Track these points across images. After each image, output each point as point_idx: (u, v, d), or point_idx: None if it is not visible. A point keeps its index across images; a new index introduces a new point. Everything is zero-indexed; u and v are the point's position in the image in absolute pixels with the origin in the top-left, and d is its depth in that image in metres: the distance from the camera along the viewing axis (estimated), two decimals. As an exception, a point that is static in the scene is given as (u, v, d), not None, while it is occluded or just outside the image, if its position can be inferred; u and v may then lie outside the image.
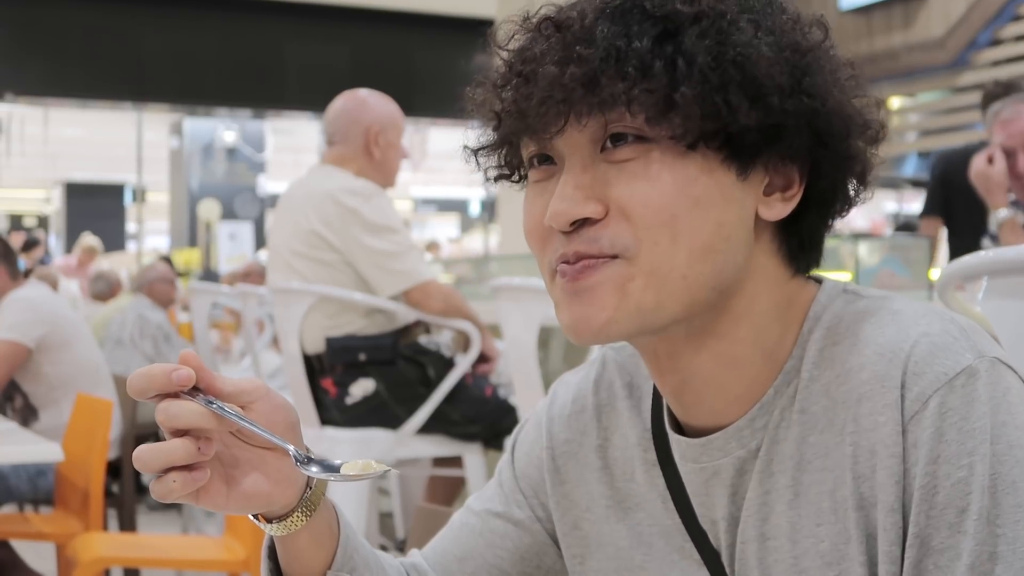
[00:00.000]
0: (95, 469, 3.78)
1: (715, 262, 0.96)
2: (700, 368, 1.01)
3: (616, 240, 0.95)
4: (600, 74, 0.92)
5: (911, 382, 0.92)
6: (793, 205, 0.99)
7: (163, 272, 7.12)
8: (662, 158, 0.94)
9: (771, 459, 1.00)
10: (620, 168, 0.95)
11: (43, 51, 12.85)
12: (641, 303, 0.95)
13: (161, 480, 0.95)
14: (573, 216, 0.95)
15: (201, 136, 15.35)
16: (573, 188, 0.96)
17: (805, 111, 0.95)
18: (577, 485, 1.15)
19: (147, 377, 0.95)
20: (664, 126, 0.93)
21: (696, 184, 0.94)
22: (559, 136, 0.97)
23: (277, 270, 3.83)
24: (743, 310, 1.00)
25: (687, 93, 0.91)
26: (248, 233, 15.46)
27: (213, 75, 13.67)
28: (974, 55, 8.55)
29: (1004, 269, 1.55)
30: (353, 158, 3.82)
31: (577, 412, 1.16)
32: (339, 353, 3.63)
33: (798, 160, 0.98)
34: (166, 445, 0.95)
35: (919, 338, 0.93)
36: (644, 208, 0.94)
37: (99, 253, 13.87)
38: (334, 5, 13.68)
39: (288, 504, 1.03)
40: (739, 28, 0.94)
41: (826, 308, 1.01)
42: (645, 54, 0.92)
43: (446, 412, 3.65)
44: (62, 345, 4.50)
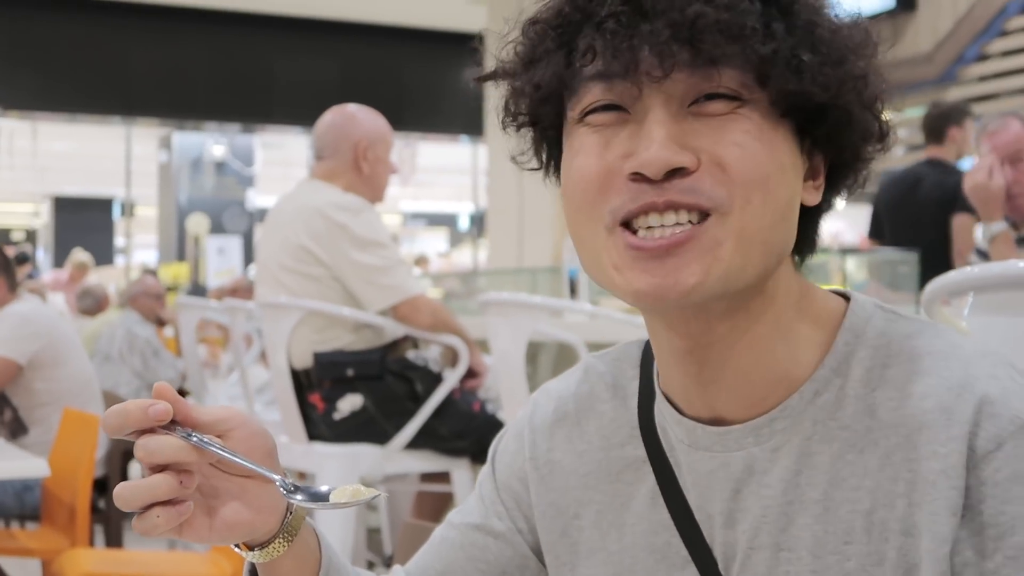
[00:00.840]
0: (82, 485, 3.76)
1: (786, 231, 0.98)
2: (726, 347, 1.00)
3: (713, 192, 0.93)
4: (727, 24, 0.91)
5: (986, 422, 0.91)
6: (820, 195, 1.02)
7: (150, 286, 7.11)
8: (757, 119, 0.94)
9: (800, 470, 0.98)
10: (710, 123, 0.94)
11: (32, 65, 12.85)
12: (730, 266, 0.94)
13: (144, 516, 0.95)
14: (673, 163, 0.92)
15: (190, 150, 15.34)
16: (667, 135, 0.93)
17: (866, 105, 0.98)
18: (563, 493, 1.13)
19: (123, 415, 0.95)
20: (769, 89, 0.93)
21: (781, 150, 0.95)
22: (659, 83, 0.93)
23: (265, 285, 3.82)
24: (772, 291, 1.00)
25: (811, 60, 0.93)
26: (237, 247, 15.44)
27: (202, 89, 13.67)
28: (961, 70, 8.59)
29: (990, 285, 1.55)
30: (342, 173, 3.81)
31: (559, 420, 1.15)
32: (327, 368, 3.63)
33: (836, 151, 1.01)
34: (147, 481, 0.95)
35: (990, 380, 0.94)
36: (743, 163, 0.93)
37: (90, 268, 13.84)
38: (323, 19, 13.69)
39: (269, 531, 1.03)
40: (834, 20, 0.97)
41: (867, 323, 1.01)
42: (762, 14, 0.92)
43: (434, 427, 3.64)
44: (55, 362, 4.48)
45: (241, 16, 13.49)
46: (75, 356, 4.62)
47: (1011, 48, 8.31)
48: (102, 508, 4.64)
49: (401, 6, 12.62)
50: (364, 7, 13.28)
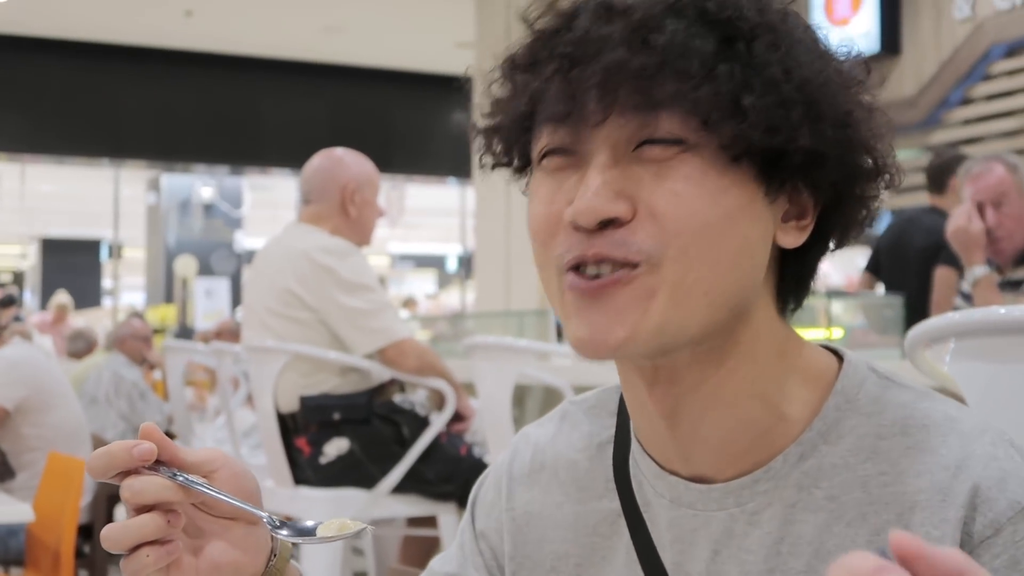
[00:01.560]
0: (67, 529, 3.74)
1: (737, 280, 0.93)
2: (700, 400, 0.97)
3: (644, 246, 0.90)
4: (667, 67, 0.88)
5: (984, 507, 0.89)
6: (806, 236, 0.97)
7: (137, 328, 7.09)
8: (700, 164, 0.90)
9: (782, 538, 0.96)
10: (653, 169, 0.91)
11: (20, 107, 12.87)
12: (663, 321, 0.91)
13: (133, 556, 0.94)
14: (603, 214, 0.90)
15: (178, 192, 15.36)
16: (603, 183, 0.91)
17: (847, 144, 0.93)
18: (541, 545, 1.11)
19: (107, 456, 0.94)
20: (715, 133, 0.89)
21: (729, 195, 0.91)
22: (599, 127, 0.92)
23: (252, 328, 3.82)
24: (748, 344, 0.96)
25: (755, 103, 0.88)
26: (225, 289, 15.42)
27: (191, 131, 13.70)
28: (945, 114, 8.65)
29: (971, 330, 1.56)
30: (329, 216, 3.82)
31: (536, 470, 1.13)
32: (313, 412, 3.62)
33: (820, 191, 0.95)
34: (135, 521, 0.94)
35: (988, 461, 0.91)
36: (677, 213, 0.90)
37: (71, 310, 13.80)
38: (311, 62, 13.75)
39: (255, 573, 1.02)
40: (805, 49, 0.92)
41: (859, 388, 0.98)
42: (710, 55, 0.89)
43: (421, 471, 3.63)
44: (43, 407, 4.46)
45: (229, 59, 13.54)
46: (64, 401, 4.60)
47: (995, 92, 8.38)
48: (87, 553, 4.61)
49: (389, 50, 12.69)
50: (352, 50, 13.34)
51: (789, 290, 1.00)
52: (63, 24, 12.44)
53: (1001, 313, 1.50)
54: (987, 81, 8.40)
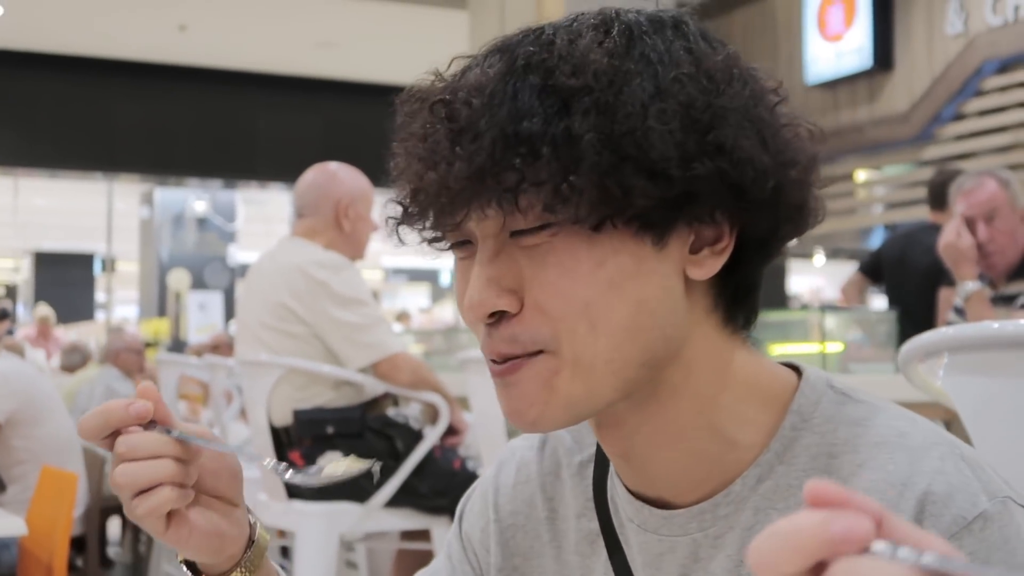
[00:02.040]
0: (59, 543, 3.73)
1: (641, 340, 0.92)
2: (647, 439, 0.98)
3: (536, 336, 0.92)
4: (486, 172, 0.87)
5: (928, 523, 0.88)
6: (724, 259, 0.94)
7: (130, 341, 7.08)
8: (569, 242, 0.90)
9: (741, 561, 0.96)
10: (530, 255, 0.92)
11: (13, 121, 12.87)
12: (570, 395, 0.93)
13: (151, 494, 0.94)
14: (488, 310, 0.92)
15: (172, 206, 15.35)
16: (486, 280, 0.92)
17: (714, 171, 0.89)
18: (527, 558, 1.12)
19: (104, 414, 0.94)
20: (564, 211, 0.88)
21: (607, 266, 0.90)
22: (465, 223, 0.93)
23: (245, 342, 3.82)
24: (681, 379, 0.96)
25: (576, 181, 0.86)
26: (218, 303, 15.41)
27: (184, 145, 13.70)
28: (938, 129, 8.67)
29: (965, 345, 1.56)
30: (323, 231, 3.82)
31: (522, 483, 1.14)
32: (307, 426, 3.62)
33: (723, 212, 0.92)
34: (156, 461, 0.94)
35: (935, 476, 0.90)
36: (557, 300, 0.91)
37: (53, 323, 13.77)
38: (305, 77, 13.76)
39: (234, 556, 1.03)
40: (628, 98, 0.88)
41: (815, 405, 0.98)
42: (534, 138, 0.87)
43: (414, 485, 3.63)
44: (33, 420, 4.45)
45: (223, 73, 13.54)
46: (54, 414, 4.58)
47: (987, 108, 8.39)
48: (79, 567, 4.60)
49: (383, 64, 12.70)
50: (346, 65, 13.35)
51: (733, 308, 0.98)
52: (56, 38, 12.45)
53: (995, 328, 1.51)
54: (980, 97, 8.41)
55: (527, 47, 0.92)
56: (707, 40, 0.95)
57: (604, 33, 0.92)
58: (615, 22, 0.93)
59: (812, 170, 0.96)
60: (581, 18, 0.95)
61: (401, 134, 0.96)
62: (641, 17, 0.95)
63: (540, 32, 0.94)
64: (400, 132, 0.96)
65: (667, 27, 0.94)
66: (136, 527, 6.66)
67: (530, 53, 0.91)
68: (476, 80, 0.91)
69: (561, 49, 0.90)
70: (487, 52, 0.95)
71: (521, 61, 0.91)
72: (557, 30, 0.93)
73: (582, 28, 0.93)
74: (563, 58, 0.90)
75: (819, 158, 0.97)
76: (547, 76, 0.89)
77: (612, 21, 0.93)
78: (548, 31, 0.93)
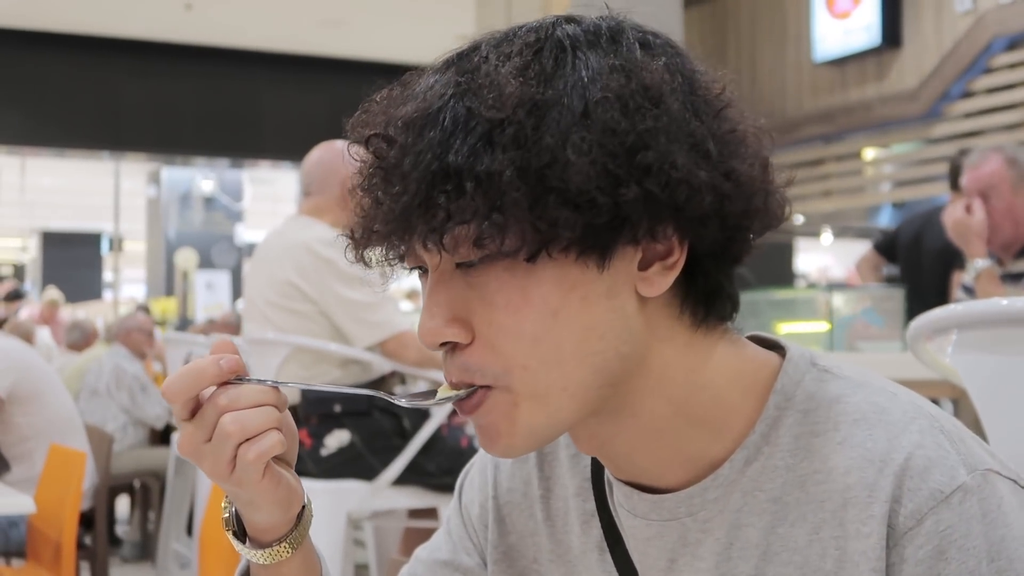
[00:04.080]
0: (68, 521, 3.75)
1: (593, 365, 0.92)
2: (624, 442, 0.98)
3: (486, 370, 0.92)
4: (412, 211, 0.88)
5: (906, 498, 0.89)
6: (676, 273, 0.93)
7: (141, 322, 7.09)
8: (509, 273, 0.89)
9: (732, 543, 0.96)
10: (475, 287, 0.91)
11: (20, 100, 12.86)
12: (532, 425, 0.93)
13: (265, 435, 0.94)
14: (439, 339, 0.93)
15: (179, 185, 15.35)
16: (436, 308, 0.93)
17: (643, 194, 0.87)
18: (523, 536, 1.12)
19: (195, 373, 0.93)
20: (493, 246, 0.88)
21: (550, 298, 0.90)
22: (412, 251, 0.94)
23: (252, 321, 3.82)
24: (653, 384, 0.95)
25: (498, 219, 0.86)
26: (225, 282, 15.42)
27: (191, 124, 13.69)
28: (947, 107, 8.64)
29: (974, 322, 1.56)
30: (329, 209, 3.82)
31: (521, 461, 1.14)
32: (314, 404, 3.62)
33: (668, 227, 0.90)
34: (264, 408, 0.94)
35: (913, 450, 0.90)
36: (503, 336, 0.91)
37: (61, 305, 13.79)
38: (312, 55, 13.74)
39: (291, 519, 1.03)
40: (548, 128, 0.86)
41: (797, 385, 0.97)
42: (460, 172, 0.86)
43: (421, 463, 3.63)
44: (34, 395, 4.46)
45: (230, 52, 13.53)
46: (54, 391, 4.60)
47: (996, 85, 8.37)
48: (88, 544, 4.62)
49: (389, 42, 12.67)
50: (352, 44, 13.33)
51: (704, 310, 0.97)
52: (63, 17, 12.43)
53: (1003, 305, 1.50)
54: (988, 74, 8.38)
55: (460, 73, 0.91)
56: (647, 47, 0.93)
57: (534, 53, 0.90)
58: (547, 41, 0.91)
59: (764, 173, 0.94)
60: (519, 33, 0.93)
61: (351, 157, 0.96)
62: (578, 29, 0.92)
63: (475, 52, 0.93)
64: (350, 155, 0.97)
65: (602, 39, 0.92)
66: (144, 506, 6.68)
67: (459, 82, 0.90)
68: (410, 111, 0.91)
69: (487, 75, 0.89)
70: (436, 68, 0.95)
71: (451, 89, 0.90)
72: (490, 51, 0.92)
73: (513, 47, 0.91)
74: (487, 87, 0.88)
75: (771, 157, 0.96)
76: (472, 106, 0.88)
77: (544, 40, 0.91)
78: (482, 51, 0.92)
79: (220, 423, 0.93)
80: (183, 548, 5.39)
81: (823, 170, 9.76)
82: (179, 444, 0.96)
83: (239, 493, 0.98)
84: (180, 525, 5.52)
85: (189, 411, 0.95)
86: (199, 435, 0.94)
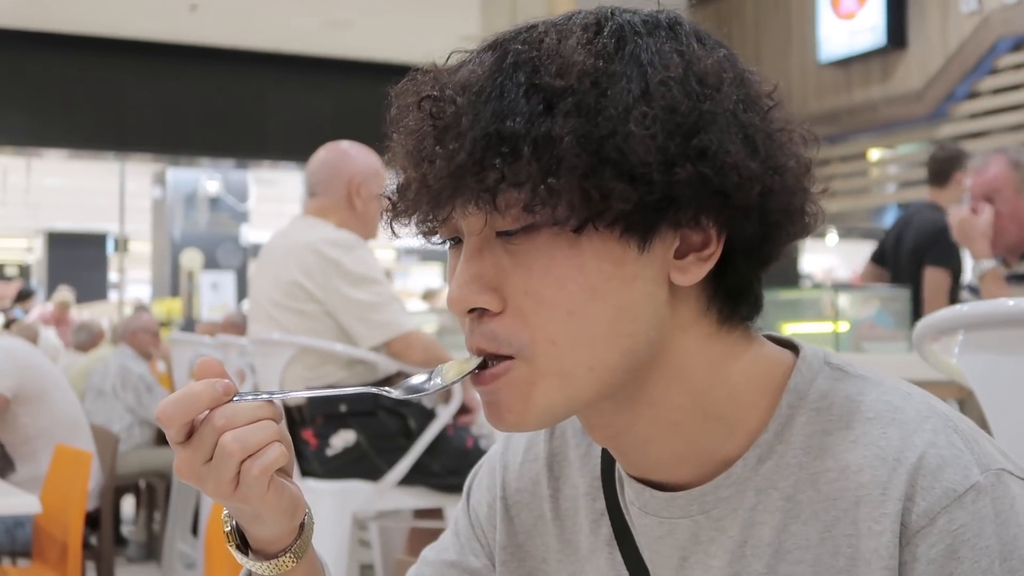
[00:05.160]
0: (73, 521, 3.75)
1: (622, 346, 0.92)
2: (639, 433, 0.98)
3: (512, 339, 0.92)
4: (466, 171, 0.88)
5: (919, 497, 0.89)
6: (710, 265, 0.94)
7: (146, 322, 7.10)
8: (552, 245, 0.90)
9: (745, 541, 0.96)
10: (514, 256, 0.92)
11: (26, 101, 12.87)
12: (549, 403, 0.93)
13: (267, 449, 0.94)
14: (469, 305, 0.93)
15: (184, 186, 15.36)
16: (469, 275, 0.93)
17: (696, 176, 0.88)
18: (532, 536, 1.12)
19: (191, 397, 0.93)
20: (544, 213, 0.88)
21: (590, 272, 0.90)
22: (450, 219, 0.94)
23: (258, 321, 3.82)
24: (674, 375, 0.96)
25: (554, 184, 0.86)
26: (230, 283, 15.43)
27: (196, 125, 13.70)
28: (952, 107, 8.63)
29: (980, 323, 1.56)
30: (335, 209, 3.82)
31: (530, 460, 1.14)
32: (319, 404, 3.62)
33: (710, 218, 0.92)
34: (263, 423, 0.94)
35: (926, 449, 0.90)
36: (537, 306, 0.91)
37: (72, 306, 13.81)
38: (316, 56, 13.74)
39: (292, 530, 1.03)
40: (611, 100, 0.88)
41: (811, 383, 0.98)
42: (516, 138, 0.87)
43: (427, 464, 3.64)
44: (39, 395, 4.47)
45: (235, 53, 13.53)
46: (59, 391, 4.61)
47: (1001, 86, 8.36)
48: (94, 544, 4.62)
49: (394, 43, 12.68)
50: (357, 44, 13.34)
51: (727, 309, 0.98)
52: (68, 18, 12.44)
53: (1010, 305, 1.51)
54: (994, 75, 8.37)
55: (517, 44, 0.92)
56: (702, 41, 0.95)
57: (595, 33, 0.92)
58: (608, 22, 0.93)
59: (805, 175, 0.96)
60: (576, 16, 0.94)
61: (394, 126, 0.97)
62: (636, 17, 0.94)
63: (532, 29, 0.94)
64: (393, 124, 0.97)
65: (661, 28, 0.94)
66: (150, 506, 6.69)
67: (519, 51, 0.91)
68: (465, 77, 0.92)
69: (549, 48, 0.90)
70: (481, 48, 0.95)
71: (510, 58, 0.91)
72: (549, 28, 0.93)
73: (574, 27, 0.93)
74: (550, 57, 0.90)
75: (813, 163, 0.97)
76: (533, 75, 0.89)
77: (605, 21, 0.93)
78: (540, 28, 0.93)
79: (220, 442, 0.93)
80: (189, 548, 5.40)
81: (828, 171, 9.75)
82: (177, 468, 0.95)
83: (243, 509, 0.99)
84: (185, 525, 5.53)
85: (184, 435, 0.95)
86: (198, 457, 0.94)
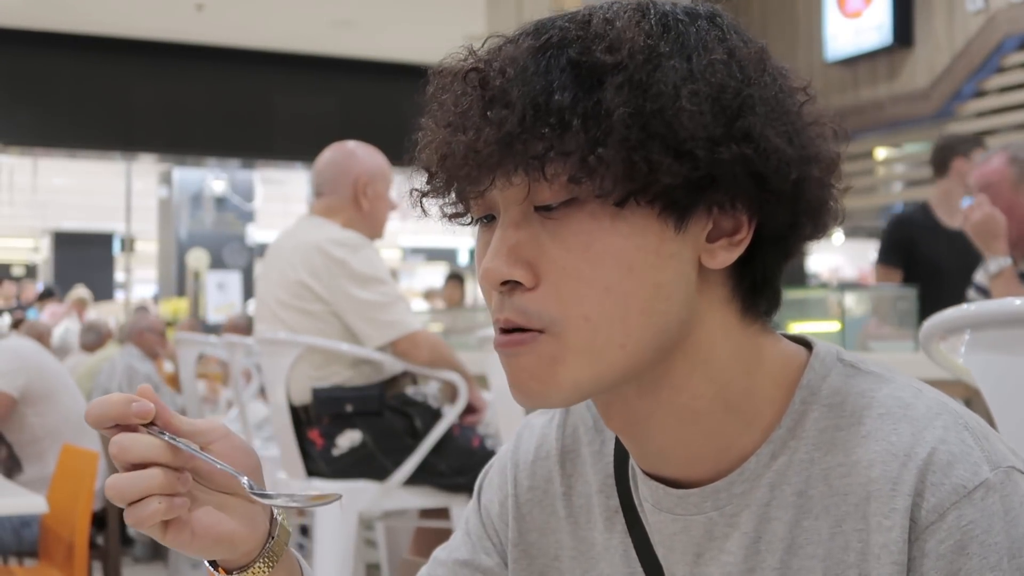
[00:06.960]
0: (80, 521, 3.75)
1: (655, 325, 0.93)
2: (659, 422, 0.98)
3: (544, 313, 0.92)
4: (515, 138, 0.88)
5: (928, 492, 0.89)
6: (740, 251, 0.95)
7: (153, 322, 7.10)
8: (593, 219, 0.91)
9: (759, 536, 0.97)
10: (552, 231, 0.92)
11: (32, 101, 12.90)
12: (576, 379, 0.93)
13: (142, 503, 0.93)
14: (501, 278, 0.93)
15: (190, 185, 15.37)
16: (505, 248, 0.93)
17: (739, 157, 0.90)
18: (544, 534, 1.12)
19: (106, 404, 0.94)
20: (588, 185, 0.89)
21: (630, 248, 0.91)
22: (489, 192, 0.94)
23: (264, 321, 3.82)
24: (699, 361, 0.96)
25: (603, 154, 0.87)
26: (237, 282, 15.44)
27: (202, 125, 13.71)
28: (959, 106, 8.61)
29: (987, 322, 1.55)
30: (341, 209, 3.82)
31: (542, 458, 1.14)
32: (326, 404, 3.63)
33: (744, 203, 0.93)
34: (144, 472, 0.93)
35: (937, 445, 0.91)
36: (573, 282, 0.91)
37: (89, 304, 13.84)
38: (323, 56, 13.75)
39: (250, 551, 1.02)
40: (662, 77, 0.89)
41: (824, 380, 0.98)
42: (565, 110, 0.88)
43: (433, 463, 3.64)
44: (46, 395, 4.48)
45: (241, 53, 13.55)
46: (66, 390, 4.62)
47: (1008, 84, 8.33)
48: (100, 544, 4.63)
49: (400, 42, 12.69)
50: (364, 44, 13.35)
51: (750, 298, 0.99)
52: (75, 18, 12.46)
53: (1017, 304, 1.50)
54: (1000, 73, 8.35)
55: (563, 24, 0.94)
56: (739, 34, 0.97)
57: (641, 15, 0.94)
58: (651, 8, 0.95)
59: (834, 170, 0.97)
60: (617, 4, 0.96)
61: (431, 106, 0.97)
62: (677, 8, 0.96)
63: (576, 13, 0.95)
64: (430, 104, 0.97)
65: (702, 18, 0.96)
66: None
67: (566, 29, 0.93)
68: (510, 53, 0.93)
69: (597, 27, 0.92)
70: (521, 31, 0.96)
71: (556, 37, 0.92)
72: (594, 11, 0.94)
73: (619, 10, 0.94)
74: (599, 35, 0.91)
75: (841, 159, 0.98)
76: (582, 52, 0.90)
77: (648, 7, 0.95)
78: (584, 12, 0.95)
79: (105, 485, 0.94)
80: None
81: (834, 170, 9.72)
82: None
83: None
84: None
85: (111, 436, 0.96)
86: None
